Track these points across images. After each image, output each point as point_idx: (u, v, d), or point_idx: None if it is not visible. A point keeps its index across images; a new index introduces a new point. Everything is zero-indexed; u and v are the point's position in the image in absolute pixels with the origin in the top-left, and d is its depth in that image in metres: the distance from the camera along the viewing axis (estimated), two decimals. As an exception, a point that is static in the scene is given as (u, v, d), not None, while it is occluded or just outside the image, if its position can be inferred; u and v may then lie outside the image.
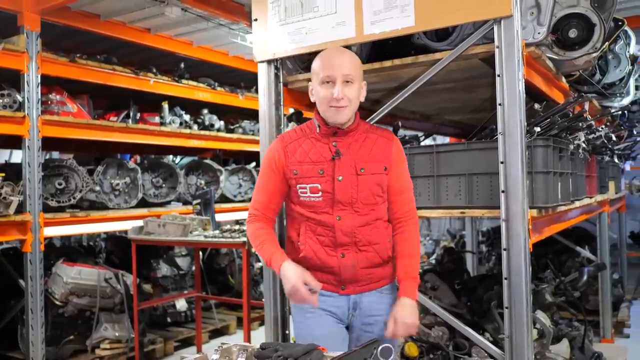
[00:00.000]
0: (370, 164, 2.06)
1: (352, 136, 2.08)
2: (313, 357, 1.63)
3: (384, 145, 2.11)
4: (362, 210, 2.04)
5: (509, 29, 2.23)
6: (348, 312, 2.11)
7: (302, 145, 2.09)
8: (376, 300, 2.11)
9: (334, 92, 1.99)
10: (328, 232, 2.05)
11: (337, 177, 2.03)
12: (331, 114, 2.02)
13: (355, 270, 2.06)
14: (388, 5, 2.46)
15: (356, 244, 2.05)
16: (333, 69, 2.01)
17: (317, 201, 2.05)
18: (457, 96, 3.40)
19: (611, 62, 3.45)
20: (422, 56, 2.53)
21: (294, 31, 2.73)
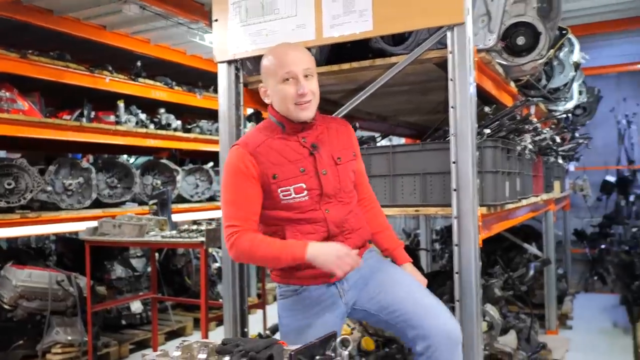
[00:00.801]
0: (343, 152, 2.06)
1: (317, 129, 2.04)
2: (274, 350, 1.69)
3: (346, 133, 2.13)
4: (344, 199, 2.03)
5: (461, 35, 2.33)
6: (338, 290, 2.05)
7: (272, 146, 1.97)
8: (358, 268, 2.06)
9: (298, 88, 1.92)
10: (319, 227, 1.98)
11: (322, 171, 1.97)
12: (297, 111, 1.94)
13: None
14: (347, 10, 2.53)
15: (342, 233, 2.02)
16: (292, 64, 1.94)
17: (302, 201, 1.96)
18: (413, 98, 3.51)
19: (556, 68, 3.64)
20: (379, 60, 2.62)
21: (255, 32, 2.77)
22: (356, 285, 2.07)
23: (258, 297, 6.20)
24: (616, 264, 6.07)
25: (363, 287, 2.07)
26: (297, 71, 1.93)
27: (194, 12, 4.43)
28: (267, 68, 2.02)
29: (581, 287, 7.34)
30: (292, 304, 2.06)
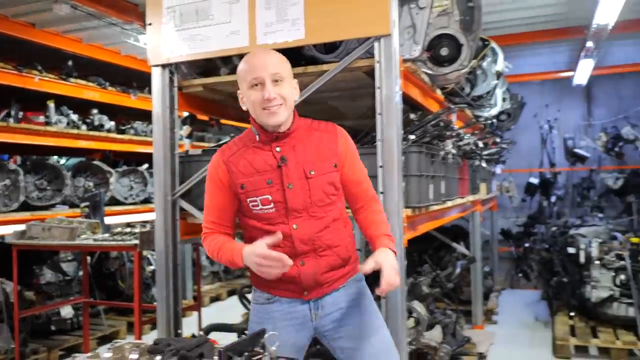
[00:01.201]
0: (319, 164, 1.96)
1: (294, 137, 1.97)
2: (204, 348, 1.74)
3: (329, 141, 2.01)
4: (318, 214, 1.95)
5: (387, 46, 2.46)
6: (310, 314, 2.02)
7: (245, 156, 1.96)
8: (338, 295, 2.03)
9: (264, 93, 1.87)
10: (286, 242, 1.92)
11: (287, 184, 1.92)
12: (265, 116, 1.90)
13: (316, 277, 1.97)
14: (280, 19, 2.62)
15: (315, 250, 1.95)
16: (260, 70, 1.90)
17: (270, 212, 1.93)
18: (345, 104, 3.63)
19: (479, 77, 3.86)
20: (311, 67, 2.71)
21: (189, 37, 2.81)
22: (331, 318, 2.02)
23: (194, 299, 6.16)
24: (537, 262, 6.44)
25: (336, 326, 2.02)
26: (264, 76, 1.89)
27: (128, 12, 4.39)
28: (239, 74, 1.98)
29: (507, 283, 7.72)
30: (263, 312, 2.05)
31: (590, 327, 5.09)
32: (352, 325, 2.02)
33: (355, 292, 2.05)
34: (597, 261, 5.11)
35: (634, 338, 4.72)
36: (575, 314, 5.37)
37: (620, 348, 4.68)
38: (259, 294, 2.08)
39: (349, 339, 2.02)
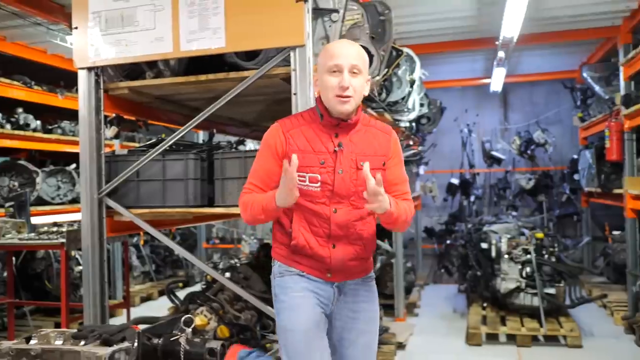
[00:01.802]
0: (371, 158, 2.05)
1: (354, 128, 2.07)
2: (126, 333, 1.90)
3: (384, 140, 2.12)
4: (358, 204, 2.04)
5: (302, 55, 2.68)
6: (333, 297, 2.10)
7: (305, 133, 2.05)
8: (360, 287, 2.14)
9: (341, 80, 1.97)
10: (323, 223, 2.03)
11: (338, 169, 2.01)
12: (336, 103, 1.99)
13: (344, 262, 2.06)
14: (202, 27, 2.78)
15: (348, 237, 2.06)
16: (341, 58, 1.99)
17: (314, 191, 2.01)
18: (269, 106, 3.82)
19: (395, 84, 4.16)
20: (233, 73, 2.89)
21: (115, 42, 2.92)
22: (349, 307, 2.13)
23: (123, 299, 6.18)
24: (457, 257, 6.87)
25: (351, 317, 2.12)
26: (344, 65, 1.98)
27: (54, 13, 4.40)
28: (319, 59, 2.08)
29: (430, 279, 8.14)
30: (292, 281, 2.09)
31: (500, 316, 5.52)
32: (361, 322, 2.13)
33: (371, 288, 2.18)
34: (506, 255, 5.56)
35: (537, 325, 5.18)
36: (488, 305, 5.80)
37: (525, 334, 5.13)
38: (286, 268, 2.11)
39: (354, 333, 2.12)
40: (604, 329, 5.55)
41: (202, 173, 3.09)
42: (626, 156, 5.59)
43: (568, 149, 8.46)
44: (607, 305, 6.17)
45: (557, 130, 8.48)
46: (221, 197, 3.01)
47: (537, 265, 5.35)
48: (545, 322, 5.11)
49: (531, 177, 8.28)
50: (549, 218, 8.15)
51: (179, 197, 3.03)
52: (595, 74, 6.55)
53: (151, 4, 2.87)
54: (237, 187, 2.98)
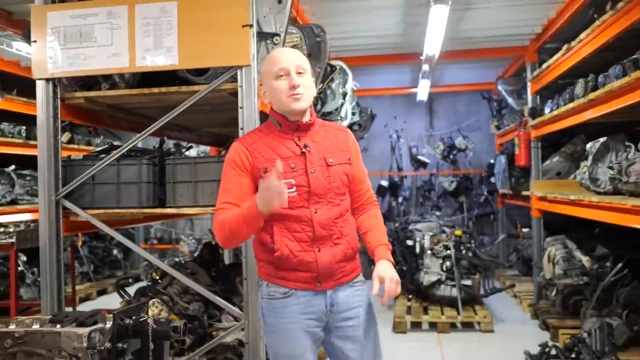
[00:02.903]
0: (337, 154, 2.12)
1: (313, 129, 2.14)
2: (98, 317, 2.20)
3: (343, 137, 2.19)
4: (335, 200, 2.09)
5: (248, 74, 3.03)
6: (326, 310, 2.09)
7: (266, 143, 2.09)
8: (351, 294, 2.13)
9: (290, 81, 2.03)
10: (305, 227, 2.04)
11: (310, 169, 2.05)
12: (291, 102, 2.04)
13: (332, 265, 2.06)
14: (157, 46, 3.07)
15: (331, 237, 2.07)
16: (285, 61, 2.06)
17: (292, 196, 2.01)
18: (216, 115, 4.13)
19: (329, 96, 4.58)
20: (184, 87, 3.19)
21: (73, 56, 3.16)
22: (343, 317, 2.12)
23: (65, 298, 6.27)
24: (385, 254, 7.38)
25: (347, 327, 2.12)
26: (289, 66, 2.05)
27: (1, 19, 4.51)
28: (263, 69, 2.14)
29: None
30: (280, 306, 2.10)
31: (423, 307, 6.07)
32: (359, 332, 2.12)
33: (365, 296, 2.18)
34: (428, 251, 6.12)
35: (456, 313, 5.76)
36: (413, 296, 6.35)
37: (444, 322, 5.70)
38: (274, 289, 2.12)
39: (352, 343, 2.12)
40: (513, 316, 6.23)
41: (154, 177, 3.37)
42: (533, 162, 6.29)
43: (486, 154, 9.22)
44: (517, 295, 6.88)
45: (476, 137, 9.23)
46: (172, 199, 3.30)
47: (455, 259, 5.93)
48: (462, 311, 5.70)
49: (453, 179, 8.97)
50: (469, 217, 8.86)
51: (132, 198, 3.30)
52: (509, 87, 7.26)
53: (108, 22, 3.14)
54: (187, 190, 3.29)
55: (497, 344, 5.21)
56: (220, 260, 4.75)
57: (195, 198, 3.26)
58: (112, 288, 7.43)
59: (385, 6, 4.84)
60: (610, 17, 3.73)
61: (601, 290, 4.49)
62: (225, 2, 3.04)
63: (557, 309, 5.54)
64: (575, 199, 4.57)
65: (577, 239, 5.50)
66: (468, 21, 5.37)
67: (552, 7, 5.03)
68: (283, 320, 2.09)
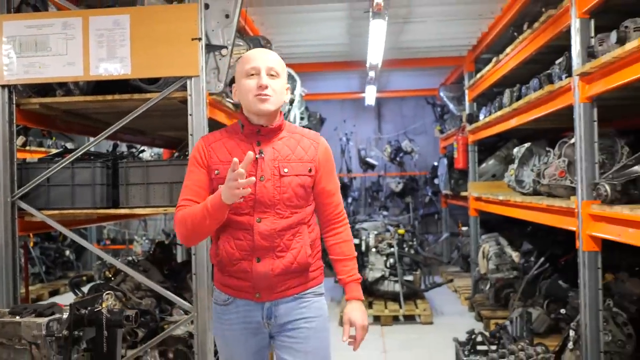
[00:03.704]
0: (294, 164, 2.03)
1: (276, 135, 2.05)
2: (55, 309, 2.40)
3: (309, 146, 2.08)
4: (284, 213, 2.00)
5: (197, 84, 3.26)
6: (263, 321, 2.07)
7: (226, 145, 2.05)
8: (293, 306, 2.06)
9: (258, 81, 1.97)
10: (247, 235, 1.99)
11: (259, 177, 1.98)
12: (256, 102, 1.98)
13: (269, 277, 2.00)
14: (110, 56, 3.27)
15: (274, 249, 1.99)
16: (257, 61, 2.00)
17: (238, 203, 1.93)
18: (168, 120, 4.32)
19: (277, 103, 4.85)
20: (137, 95, 3.39)
21: (29, 64, 3.31)
22: (284, 329, 2.08)
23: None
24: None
25: (287, 340, 2.08)
26: (260, 66, 1.99)
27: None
28: (237, 67, 2.10)
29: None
30: (221, 312, 2.12)
31: (368, 302, 6.40)
32: (300, 346, 2.06)
33: (315, 309, 2.10)
34: (373, 249, 6.46)
35: (398, 307, 6.12)
36: (359, 292, 6.67)
37: (387, 315, 6.05)
38: (218, 294, 2.14)
39: (292, 356, 2.07)
40: (452, 309, 6.64)
41: (108, 179, 3.55)
42: (470, 165, 6.73)
43: (431, 156, 9.68)
44: (457, 290, 7.31)
45: (422, 140, 9.68)
46: (125, 200, 3.49)
47: (398, 256, 6.30)
48: (404, 304, 6.06)
49: (400, 181, 9.38)
50: (415, 217, 9.29)
51: (86, 199, 3.47)
52: (450, 94, 7.71)
53: (63, 33, 3.31)
54: (139, 191, 3.49)
55: (435, 335, 5.59)
56: (172, 259, 4.94)
57: (148, 199, 3.46)
58: (64, 289, 7.47)
59: (330, 18, 5.15)
60: (529, 35, 4.14)
61: (526, 283, 4.92)
62: (175, 16, 3.26)
63: (490, 301, 5.96)
64: (503, 199, 4.99)
65: (509, 237, 5.94)
66: (408, 33, 5.74)
67: (485, 22, 5.45)
68: (223, 327, 2.11)
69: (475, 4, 4.88)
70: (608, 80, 2.94)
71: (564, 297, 4.49)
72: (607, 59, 2.80)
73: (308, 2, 4.63)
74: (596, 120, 3.24)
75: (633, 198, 2.92)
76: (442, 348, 5.02)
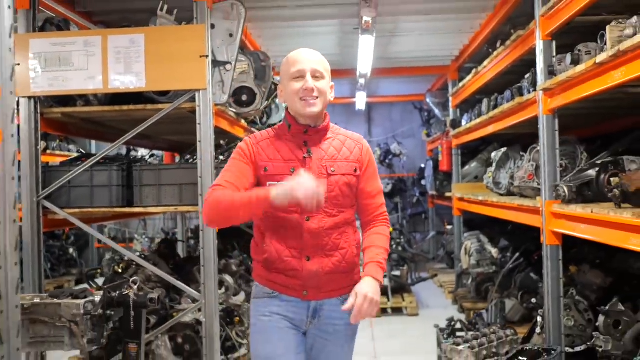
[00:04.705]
0: (341, 164, 2.06)
1: (322, 135, 2.09)
2: (87, 293, 2.80)
3: (354, 147, 2.12)
4: (331, 211, 2.02)
5: (204, 96, 3.66)
6: (307, 320, 2.07)
7: (274, 143, 2.08)
8: (337, 308, 2.05)
9: (304, 83, 2.00)
10: (296, 233, 2.00)
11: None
12: (302, 106, 2.01)
13: (320, 276, 2.00)
14: (127, 71, 3.66)
15: (323, 247, 2.01)
16: (303, 63, 2.02)
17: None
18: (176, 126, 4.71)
19: (273, 110, 5.26)
20: (150, 105, 3.79)
21: (53, 78, 3.70)
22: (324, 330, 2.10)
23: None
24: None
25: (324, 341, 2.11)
26: (306, 69, 2.01)
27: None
28: (282, 69, 2.12)
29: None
30: (263, 305, 2.10)
31: (358, 295, 6.80)
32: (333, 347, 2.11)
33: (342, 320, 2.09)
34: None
35: (386, 300, 6.54)
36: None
37: (376, 308, 6.46)
38: (260, 288, 2.12)
39: (326, 356, 2.12)
40: (437, 302, 7.08)
41: (123, 181, 3.94)
42: (453, 167, 7.17)
43: (418, 159, 10.13)
44: (442, 285, 7.75)
45: (410, 143, 10.12)
46: (140, 200, 3.88)
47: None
48: (392, 297, 6.49)
49: (389, 182, 9.81)
50: (403, 216, 9.72)
51: (104, 199, 3.86)
52: (436, 100, 8.15)
53: (84, 50, 3.70)
54: (152, 192, 3.88)
55: (420, 325, 6.02)
56: (176, 255, 5.34)
57: (160, 199, 3.86)
58: (68, 285, 7.83)
59: (322, 32, 5.57)
60: (502, 51, 4.58)
61: (502, 276, 5.36)
62: (185, 36, 3.67)
63: (472, 294, 6.40)
64: (482, 199, 5.42)
65: (489, 234, 6.38)
66: (395, 45, 6.17)
67: (466, 35, 5.89)
68: (263, 319, 2.08)
69: (456, 20, 5.31)
70: (566, 95, 3.37)
71: (535, 289, 4.93)
72: (563, 78, 3.23)
73: (302, 18, 5.03)
74: (557, 130, 3.66)
75: (587, 198, 3.34)
76: (425, 336, 5.44)
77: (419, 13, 5.03)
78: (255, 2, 4.49)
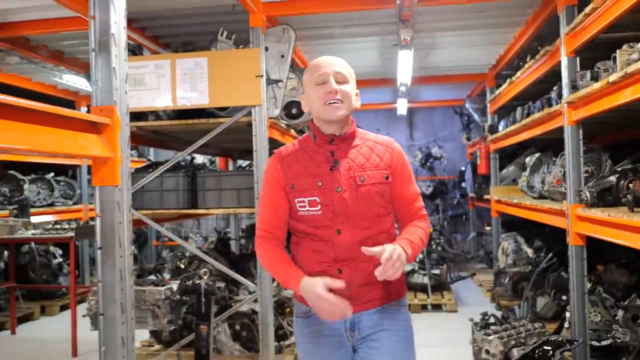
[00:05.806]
0: (370, 172, 1.95)
1: (349, 144, 2.00)
2: (164, 282, 3.31)
3: (384, 153, 2.01)
4: (363, 223, 1.94)
5: (260, 111, 4.15)
6: (346, 334, 2.00)
7: (299, 158, 2.00)
8: (376, 318, 1.99)
9: (327, 87, 1.93)
10: (327, 247, 1.93)
11: (336, 188, 1.92)
12: (327, 111, 1.93)
13: (352, 289, 1.91)
14: (193, 89, 4.19)
15: (356, 260, 1.93)
16: (325, 67, 1.96)
17: (316, 215, 1.94)
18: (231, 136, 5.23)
19: (320, 120, 5.70)
20: (212, 119, 4.31)
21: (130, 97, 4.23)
22: (368, 340, 2.00)
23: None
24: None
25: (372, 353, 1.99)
26: (328, 72, 1.95)
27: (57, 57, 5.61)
28: (304, 78, 2.05)
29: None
30: (303, 324, 2.06)
31: (399, 292, 7.18)
32: (385, 357, 1.97)
33: (401, 320, 2.05)
34: (404, 245, 7.24)
35: (426, 297, 6.90)
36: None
37: (416, 304, 6.83)
38: (298, 306, 2.07)
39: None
40: (476, 300, 7.37)
41: (188, 185, 4.48)
42: (491, 171, 7.45)
43: (459, 162, 10.39)
44: (482, 284, 8.03)
45: (450, 147, 10.40)
46: (203, 202, 4.41)
47: (427, 252, 7.07)
48: (431, 295, 6.84)
49: (430, 184, 10.12)
50: (444, 218, 10.01)
51: (172, 202, 4.41)
52: (475, 105, 8.42)
53: (156, 72, 4.25)
54: (214, 196, 4.40)
55: (458, 320, 6.35)
56: (231, 251, 5.87)
57: (220, 202, 4.37)
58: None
59: (364, 47, 5.99)
60: (533, 64, 4.89)
61: (536, 275, 5.64)
62: (243, 58, 4.17)
63: (508, 292, 6.68)
64: (517, 202, 5.73)
65: (526, 235, 6.65)
66: (434, 56, 6.53)
67: (501, 47, 6.18)
68: (305, 340, 2.05)
69: (490, 34, 5.64)
70: (588, 109, 3.68)
71: (567, 287, 5.19)
72: (583, 93, 3.55)
73: (347, 35, 5.47)
74: (582, 139, 3.97)
75: (608, 203, 3.64)
76: (462, 330, 5.76)
77: (455, 29, 5.38)
78: (306, 23, 4.96)
